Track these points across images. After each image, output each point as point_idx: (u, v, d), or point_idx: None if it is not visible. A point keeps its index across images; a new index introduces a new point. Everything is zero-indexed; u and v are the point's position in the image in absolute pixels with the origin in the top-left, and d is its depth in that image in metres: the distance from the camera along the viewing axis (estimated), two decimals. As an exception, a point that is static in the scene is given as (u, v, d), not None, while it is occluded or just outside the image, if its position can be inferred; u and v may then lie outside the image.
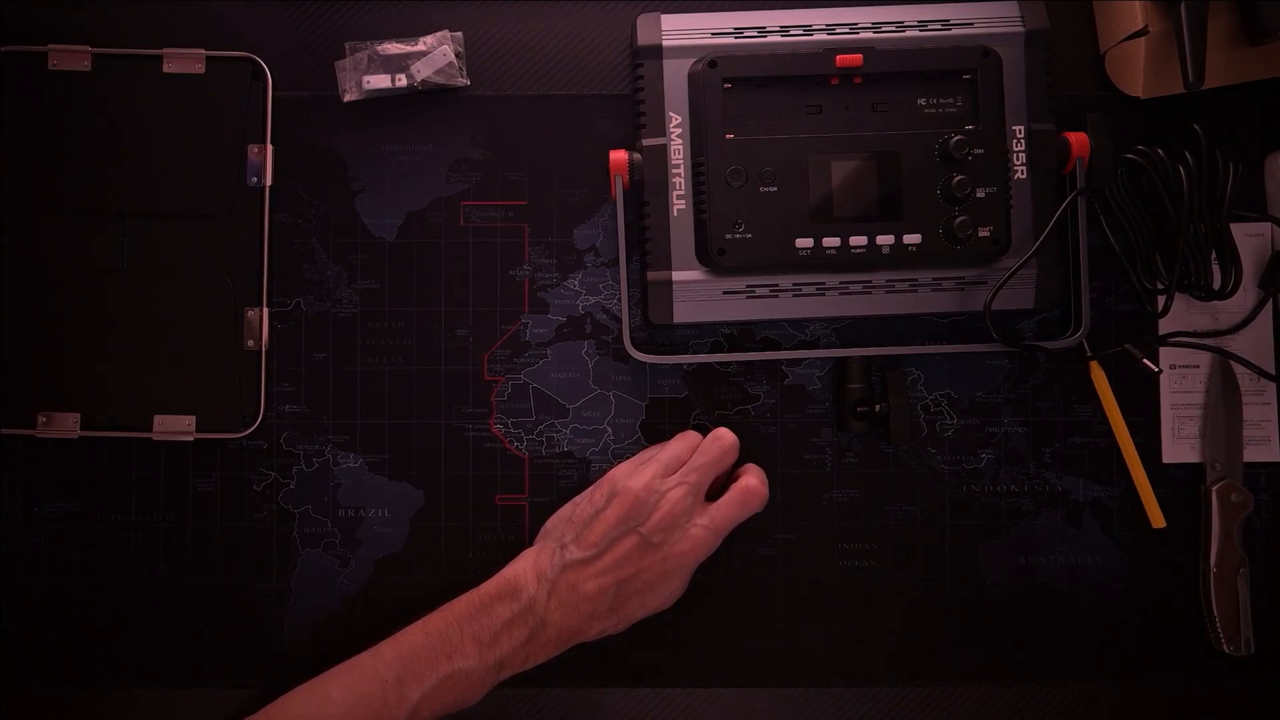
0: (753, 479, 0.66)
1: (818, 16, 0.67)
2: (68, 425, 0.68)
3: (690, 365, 0.70)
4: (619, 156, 0.67)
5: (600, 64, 0.71)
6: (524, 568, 0.64)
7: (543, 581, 0.63)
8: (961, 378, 0.70)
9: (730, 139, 0.66)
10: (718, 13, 0.68)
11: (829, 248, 0.66)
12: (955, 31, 0.67)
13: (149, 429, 0.68)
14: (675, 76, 0.66)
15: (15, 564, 0.69)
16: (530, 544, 0.68)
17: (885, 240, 0.66)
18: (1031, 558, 0.70)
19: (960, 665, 0.69)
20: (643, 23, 0.67)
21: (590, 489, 0.66)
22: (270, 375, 0.69)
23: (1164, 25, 0.66)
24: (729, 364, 0.70)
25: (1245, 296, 0.69)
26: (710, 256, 0.66)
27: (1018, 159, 0.67)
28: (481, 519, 0.69)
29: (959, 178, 0.65)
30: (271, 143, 0.69)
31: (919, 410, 0.70)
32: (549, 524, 0.67)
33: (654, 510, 0.63)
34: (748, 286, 0.67)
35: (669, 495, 0.63)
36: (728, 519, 0.65)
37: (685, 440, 0.67)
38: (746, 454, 0.69)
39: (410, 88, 0.69)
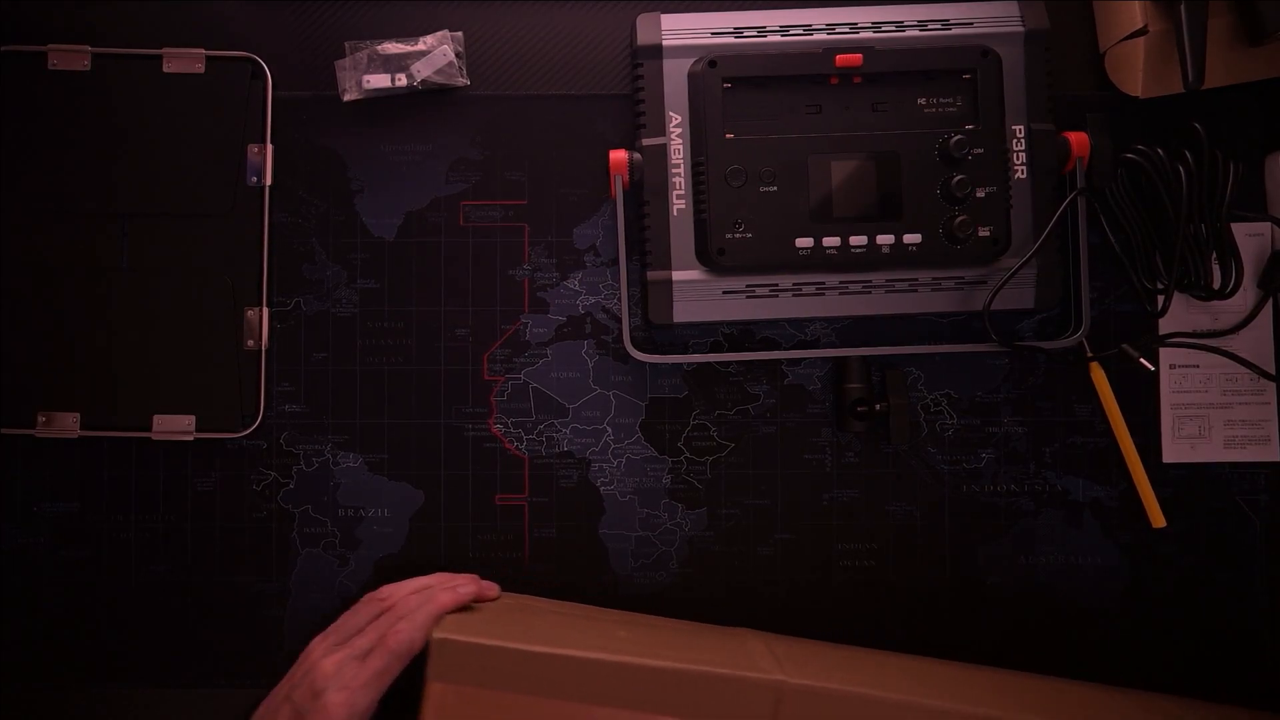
0: (404, 624, 0.58)
1: (817, 16, 0.67)
2: (68, 425, 0.68)
3: (690, 365, 0.70)
4: (619, 156, 0.67)
5: (600, 64, 0.71)
6: None
7: None
8: (961, 378, 0.70)
9: (730, 139, 0.65)
10: (718, 13, 0.68)
11: (829, 247, 0.66)
12: (955, 31, 0.67)
13: (149, 429, 0.68)
14: (675, 76, 0.66)
15: (15, 564, 0.69)
16: (529, 544, 0.69)
17: (885, 240, 0.66)
18: (1031, 558, 0.70)
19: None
20: (643, 23, 0.67)
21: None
22: (270, 375, 0.69)
23: (1164, 25, 0.66)
24: (729, 364, 0.70)
25: (1245, 296, 0.69)
26: (710, 256, 0.66)
27: (1018, 159, 0.67)
28: (481, 519, 0.69)
29: (959, 177, 0.65)
30: (271, 142, 0.69)
31: (919, 410, 0.70)
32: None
33: (306, 677, 0.57)
34: (748, 286, 0.67)
35: (321, 663, 0.57)
36: (369, 674, 0.57)
37: (356, 614, 0.61)
38: (747, 455, 0.69)
39: (410, 87, 0.69)
